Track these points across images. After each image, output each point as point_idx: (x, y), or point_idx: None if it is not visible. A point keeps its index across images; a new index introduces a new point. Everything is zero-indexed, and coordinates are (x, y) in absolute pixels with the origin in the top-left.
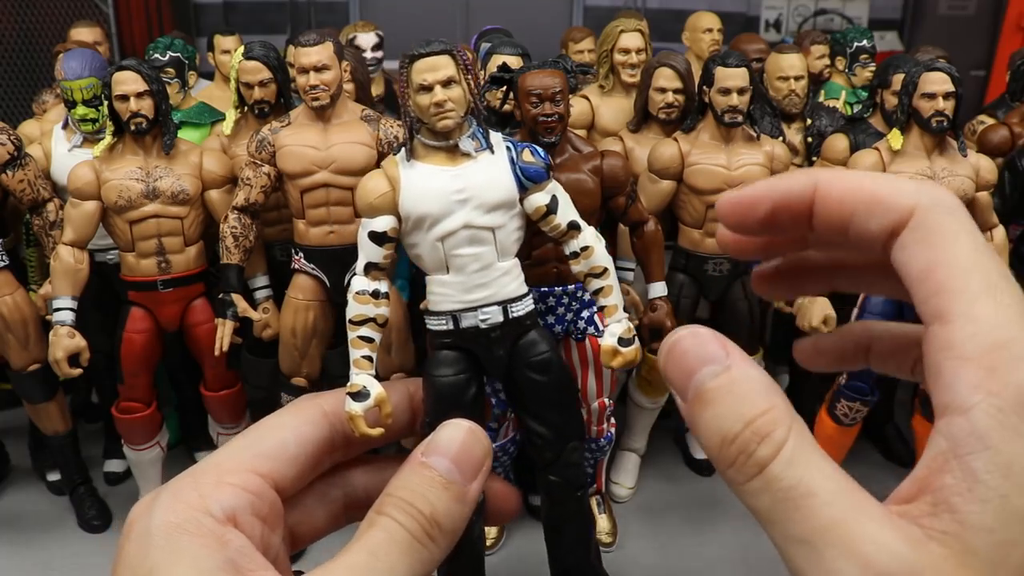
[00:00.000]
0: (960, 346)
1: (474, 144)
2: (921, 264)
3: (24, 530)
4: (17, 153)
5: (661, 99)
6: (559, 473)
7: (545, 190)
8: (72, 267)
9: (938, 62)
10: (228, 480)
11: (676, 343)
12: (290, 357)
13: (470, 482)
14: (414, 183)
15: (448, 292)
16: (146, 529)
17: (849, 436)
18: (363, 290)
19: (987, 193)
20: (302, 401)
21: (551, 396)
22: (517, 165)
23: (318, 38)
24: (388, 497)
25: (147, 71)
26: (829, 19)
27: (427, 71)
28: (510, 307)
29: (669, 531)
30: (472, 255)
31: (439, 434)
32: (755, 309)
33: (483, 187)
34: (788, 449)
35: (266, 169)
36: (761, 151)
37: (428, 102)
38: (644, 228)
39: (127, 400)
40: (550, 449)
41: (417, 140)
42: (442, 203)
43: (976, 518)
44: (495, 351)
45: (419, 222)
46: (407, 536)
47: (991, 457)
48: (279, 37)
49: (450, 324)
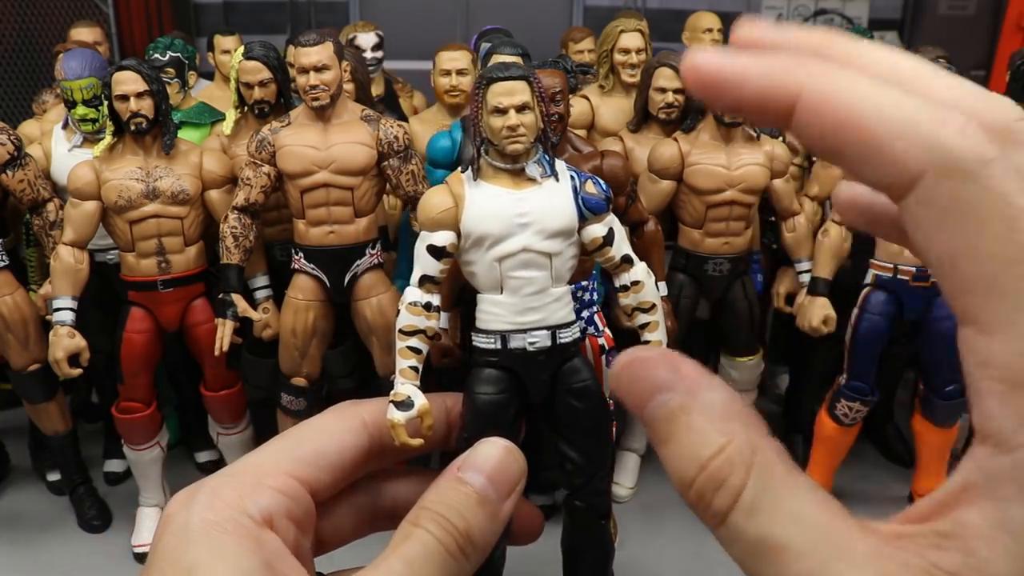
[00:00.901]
0: (1005, 365)
1: (539, 170)
2: (941, 250)
3: (24, 530)
4: (17, 153)
5: (661, 99)
6: (585, 500)
7: (603, 222)
8: (72, 267)
9: (938, 62)
10: (267, 482)
11: (626, 367)
12: (290, 357)
13: (504, 500)
14: (478, 202)
15: (500, 312)
16: (185, 525)
17: (849, 436)
18: (416, 301)
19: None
20: (343, 408)
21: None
22: (580, 195)
23: (318, 38)
24: (424, 510)
25: (147, 71)
26: (829, 19)
27: (503, 95)
28: (559, 333)
29: (669, 531)
30: (527, 278)
31: (477, 451)
32: (755, 309)
33: (545, 213)
34: (748, 496)
35: (266, 169)
36: (761, 151)
37: (501, 125)
38: (644, 228)
39: (127, 400)
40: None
41: (484, 160)
42: (504, 224)
43: (995, 569)
44: (539, 375)
45: (479, 241)
46: (442, 550)
47: None
48: (279, 37)
49: (498, 344)
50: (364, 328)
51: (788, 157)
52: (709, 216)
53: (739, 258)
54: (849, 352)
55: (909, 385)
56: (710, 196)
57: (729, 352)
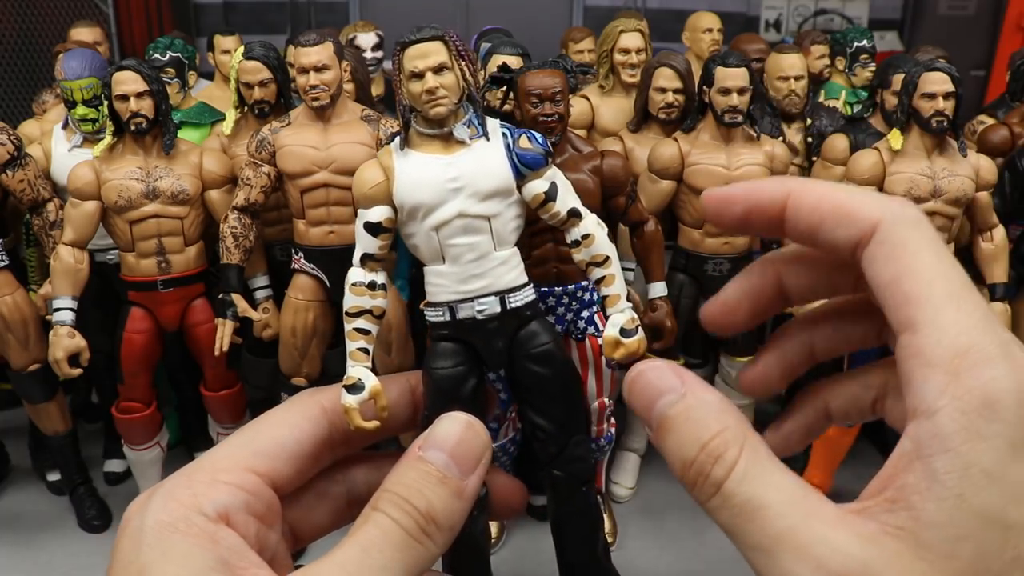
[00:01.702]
0: (927, 353)
1: (469, 131)
2: (888, 276)
3: (24, 530)
4: (17, 153)
5: (661, 99)
6: (563, 468)
7: (543, 177)
8: (72, 267)
9: (938, 62)
10: (222, 479)
11: (638, 377)
12: (290, 357)
13: (468, 476)
14: (408, 172)
15: (444, 283)
16: (139, 527)
17: (849, 436)
18: (359, 281)
19: (987, 193)
20: (301, 397)
21: (553, 389)
22: (514, 152)
23: (318, 38)
24: (384, 492)
25: (147, 71)
26: (829, 19)
27: (417, 58)
28: (508, 297)
29: (669, 531)
30: (467, 244)
31: (436, 428)
32: None
33: (477, 175)
34: (740, 467)
35: (266, 169)
36: (761, 151)
37: (420, 89)
38: (644, 228)
39: (127, 400)
40: (553, 444)
41: (412, 129)
42: (436, 192)
43: (931, 515)
44: (494, 343)
45: (413, 212)
46: (401, 532)
47: (951, 459)
48: (279, 37)
49: (447, 315)
50: None
51: (788, 157)
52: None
53: (739, 258)
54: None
55: None
56: None
57: (729, 352)
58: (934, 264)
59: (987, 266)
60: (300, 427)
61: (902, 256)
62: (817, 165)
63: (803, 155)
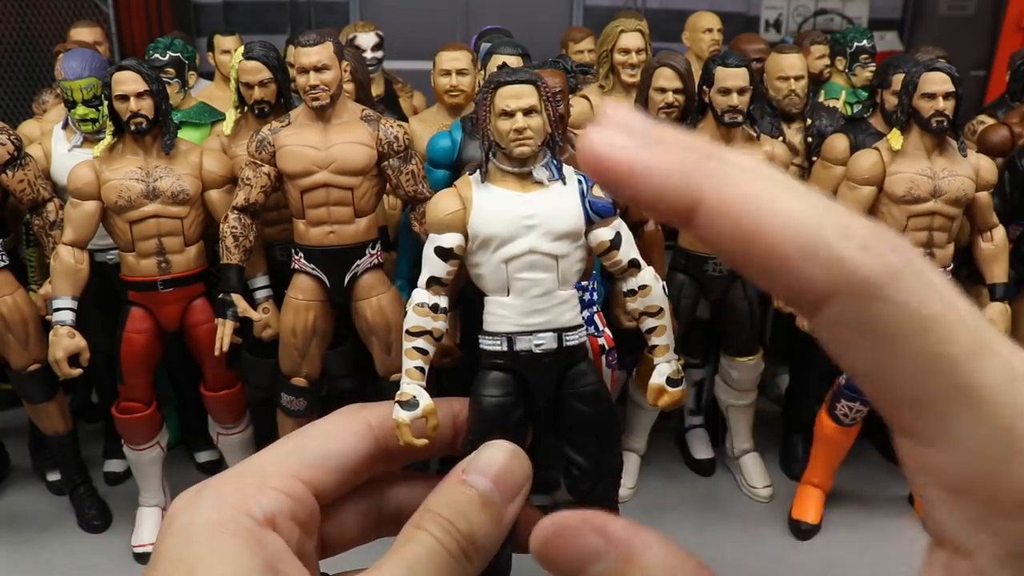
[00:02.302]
0: (944, 475)
1: (547, 173)
2: (859, 368)
3: (24, 530)
4: (17, 153)
5: (661, 99)
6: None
7: (611, 226)
8: (72, 267)
9: (938, 62)
10: (271, 483)
11: (546, 543)
12: (290, 357)
13: (508, 503)
14: (485, 204)
15: (506, 314)
16: (188, 524)
17: (849, 436)
18: (423, 303)
19: (987, 193)
20: (349, 411)
21: (594, 428)
22: (587, 198)
23: (318, 38)
24: (427, 513)
25: (147, 71)
26: (829, 19)
27: (511, 98)
28: (565, 336)
29: (669, 531)
30: (534, 280)
31: (482, 454)
32: (755, 309)
33: (552, 215)
34: None
35: (266, 169)
36: (761, 151)
37: (509, 128)
38: (644, 228)
39: (127, 400)
40: (587, 481)
41: (492, 164)
42: (511, 226)
43: None
44: (545, 378)
45: (486, 242)
46: (444, 553)
47: None
48: (279, 37)
49: (504, 346)
50: (364, 328)
51: (788, 157)
52: None
53: None
54: None
55: None
56: None
57: (729, 352)
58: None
59: (987, 266)
60: (346, 441)
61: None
62: (817, 165)
63: (803, 155)
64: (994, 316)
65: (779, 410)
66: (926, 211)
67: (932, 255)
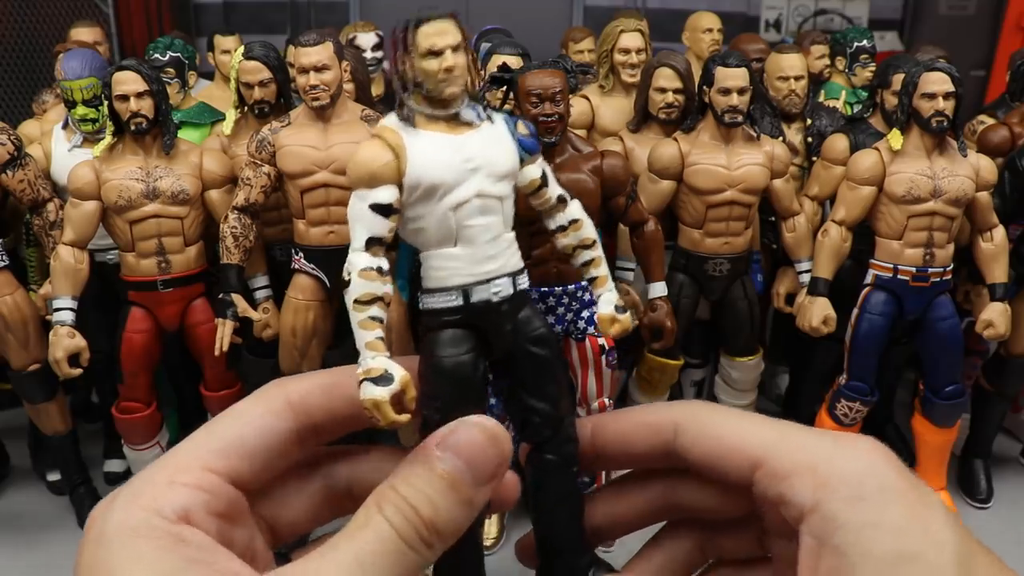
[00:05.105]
0: (783, 470)
1: (475, 113)
2: None
3: (24, 530)
4: (17, 153)
5: (661, 99)
6: (556, 451)
7: (537, 163)
8: (72, 267)
9: (938, 62)
10: (181, 479)
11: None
12: (290, 357)
13: (480, 487)
14: (421, 150)
15: (457, 266)
16: (102, 532)
17: None
18: (368, 267)
19: (987, 193)
20: (267, 389)
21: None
22: (516, 136)
23: (318, 38)
24: (390, 491)
25: (147, 71)
26: (829, 19)
27: (436, 35)
28: (517, 279)
29: None
30: (483, 225)
31: (458, 430)
32: (755, 309)
33: (491, 155)
34: None
35: (266, 169)
36: (761, 151)
37: (437, 67)
38: (644, 228)
39: (127, 400)
40: (549, 426)
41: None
42: (454, 171)
43: None
44: (503, 326)
45: (430, 192)
46: (399, 543)
47: (846, 531)
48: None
49: (460, 299)
50: None
51: (788, 157)
52: (709, 216)
53: (739, 258)
54: (849, 352)
55: (909, 385)
56: (710, 196)
57: (729, 352)
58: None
59: (987, 266)
60: (263, 421)
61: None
62: (817, 165)
63: (803, 155)
64: (994, 316)
65: (779, 410)
66: (926, 211)
67: (932, 255)
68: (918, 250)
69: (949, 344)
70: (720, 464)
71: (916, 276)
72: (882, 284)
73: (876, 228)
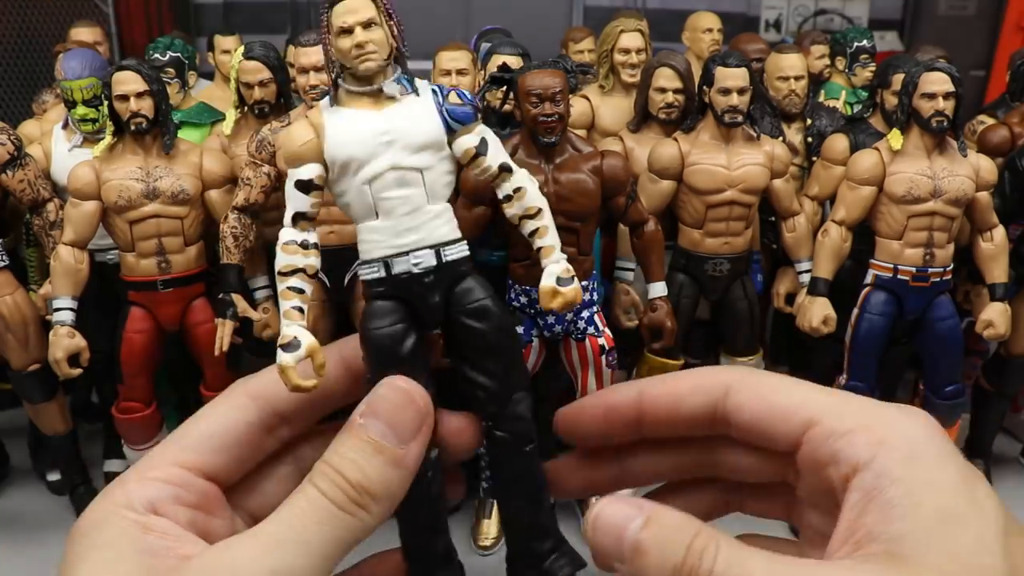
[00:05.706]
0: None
1: (399, 88)
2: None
3: (24, 530)
4: (17, 153)
5: (661, 99)
6: (506, 428)
7: (474, 132)
8: (72, 267)
9: (938, 62)
10: (150, 476)
11: (597, 516)
12: None
13: (406, 443)
14: (338, 127)
15: (378, 238)
16: (76, 528)
17: None
18: (291, 240)
19: (987, 193)
20: (231, 388)
21: (491, 344)
22: (444, 107)
23: (318, 38)
24: (321, 463)
25: (147, 71)
26: (829, 19)
27: (346, 13)
28: (443, 251)
29: None
30: (400, 198)
31: (374, 395)
32: (755, 309)
33: (408, 128)
34: (724, 554)
35: (266, 169)
36: (761, 151)
37: (349, 45)
38: (644, 228)
39: (127, 400)
40: (494, 402)
41: (341, 88)
42: (366, 145)
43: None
44: (429, 298)
45: (345, 167)
46: (327, 504)
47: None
48: (279, 37)
49: (382, 271)
50: None
51: (788, 157)
52: (709, 216)
53: (739, 258)
54: (849, 352)
55: (909, 385)
56: (710, 196)
57: (729, 352)
58: None
59: (987, 266)
60: (227, 417)
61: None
62: (817, 165)
63: (803, 155)
64: (994, 316)
65: None
66: (926, 211)
67: (932, 255)
68: (918, 250)
69: (949, 344)
70: (770, 424)
71: (916, 276)
72: (882, 284)
73: (876, 228)
